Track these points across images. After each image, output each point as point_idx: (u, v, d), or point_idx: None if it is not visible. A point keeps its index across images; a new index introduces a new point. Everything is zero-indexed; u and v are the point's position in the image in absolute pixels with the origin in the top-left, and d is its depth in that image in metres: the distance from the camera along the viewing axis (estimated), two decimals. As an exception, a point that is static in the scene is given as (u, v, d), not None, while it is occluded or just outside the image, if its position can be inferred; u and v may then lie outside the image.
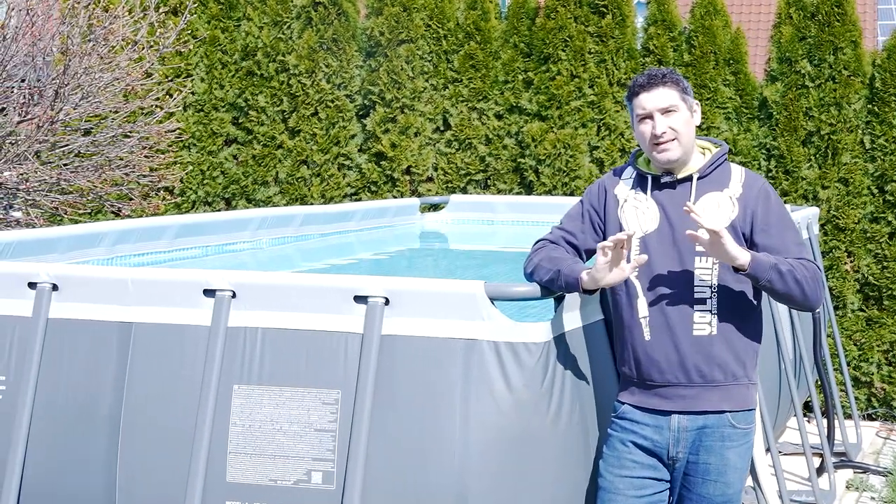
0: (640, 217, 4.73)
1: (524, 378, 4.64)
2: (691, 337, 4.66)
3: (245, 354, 4.82)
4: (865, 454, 9.14)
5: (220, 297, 4.87)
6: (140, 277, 5.00)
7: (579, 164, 10.65)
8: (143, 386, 4.92)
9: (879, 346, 10.11)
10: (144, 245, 7.24)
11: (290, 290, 4.86)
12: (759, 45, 16.88)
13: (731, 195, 4.66)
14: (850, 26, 10.23)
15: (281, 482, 4.71)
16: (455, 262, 9.18)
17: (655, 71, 4.70)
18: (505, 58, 10.95)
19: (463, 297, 4.66)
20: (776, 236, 4.65)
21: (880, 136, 10.09)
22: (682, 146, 4.66)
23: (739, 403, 4.74)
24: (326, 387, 4.73)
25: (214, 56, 11.25)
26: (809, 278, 4.55)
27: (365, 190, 11.20)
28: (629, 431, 4.78)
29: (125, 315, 4.98)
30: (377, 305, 4.72)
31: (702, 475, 4.75)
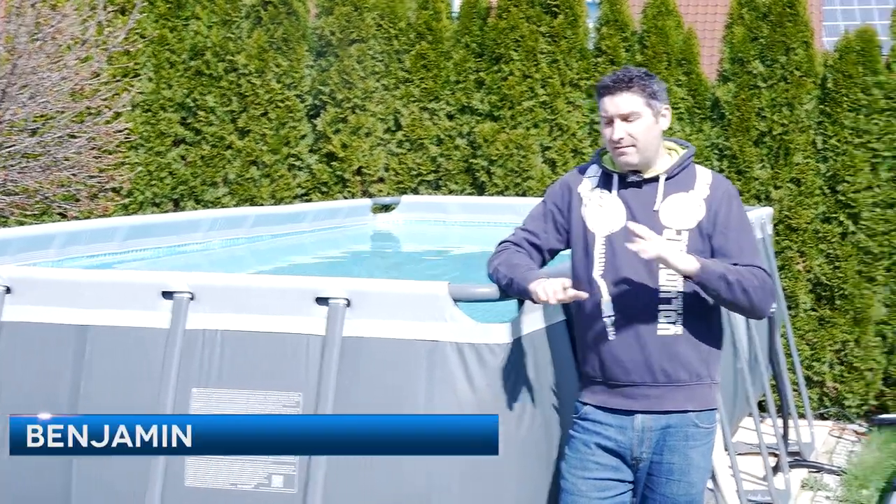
0: (604, 216, 4.69)
1: (488, 379, 4.59)
2: (656, 337, 4.62)
3: (204, 357, 4.75)
4: (819, 454, 9.16)
5: (179, 299, 4.80)
6: (97, 280, 4.93)
7: (531, 164, 10.62)
8: (101, 389, 4.83)
9: (831, 346, 10.14)
10: (95, 247, 7.13)
11: (250, 292, 4.80)
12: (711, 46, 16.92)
13: (697, 196, 4.64)
14: (802, 27, 10.25)
15: (241, 486, 4.64)
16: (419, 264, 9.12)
17: (624, 74, 4.64)
18: (457, 58, 10.91)
19: (426, 298, 4.61)
20: (734, 241, 4.61)
21: (832, 137, 10.12)
22: (639, 152, 4.62)
23: (703, 403, 4.72)
24: (287, 389, 4.67)
25: (162, 56, 11.13)
26: (758, 288, 4.51)
27: (315, 191, 11.12)
28: (592, 432, 4.74)
29: (81, 318, 4.90)
30: (339, 307, 4.67)
31: (665, 475, 4.72)
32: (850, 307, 10.10)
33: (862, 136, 10.08)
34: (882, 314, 10.15)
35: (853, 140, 10.09)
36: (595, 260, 4.66)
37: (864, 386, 10.15)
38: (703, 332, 4.68)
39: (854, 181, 10.05)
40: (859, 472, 8.41)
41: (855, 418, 10.19)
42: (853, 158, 10.05)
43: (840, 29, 10.54)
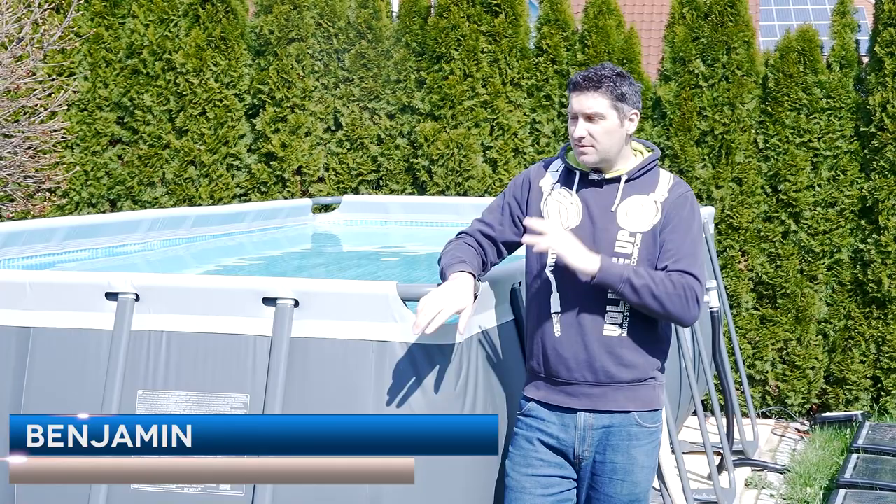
0: (562, 212, 4.66)
1: (437, 380, 4.55)
2: (601, 337, 4.60)
3: (150, 359, 4.68)
4: (762, 452, 9.18)
5: (123, 300, 4.71)
6: (39, 280, 4.83)
7: (472, 163, 10.58)
8: (44, 392, 4.74)
9: (774, 345, 10.17)
10: (33, 247, 7.01)
11: (197, 293, 4.72)
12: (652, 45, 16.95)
13: (656, 199, 4.61)
14: (744, 26, 10.27)
15: (188, 489, 4.57)
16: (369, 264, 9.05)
17: (594, 73, 4.58)
18: (397, 57, 10.84)
19: (374, 297, 4.56)
20: (672, 242, 4.58)
21: (773, 136, 10.14)
22: (598, 153, 4.59)
23: (646, 404, 4.70)
24: (234, 391, 4.61)
25: (98, 54, 10.99)
26: (673, 295, 4.47)
27: (255, 190, 11.03)
28: (535, 429, 4.72)
29: (23, 320, 4.80)
30: (286, 307, 4.60)
31: (609, 474, 4.69)
32: (792, 306, 10.13)
33: (803, 136, 10.11)
34: (823, 313, 10.19)
35: (794, 139, 10.12)
36: (548, 255, 4.64)
37: (807, 384, 10.18)
38: (649, 335, 4.66)
39: (795, 180, 10.08)
40: (803, 471, 8.42)
41: (797, 416, 10.22)
42: (794, 158, 10.09)
43: (775, 29, 10.63)
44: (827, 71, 10.17)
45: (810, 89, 10.11)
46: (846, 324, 10.13)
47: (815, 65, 10.13)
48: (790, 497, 8.07)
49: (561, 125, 10.59)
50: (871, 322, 10.00)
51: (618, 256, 4.57)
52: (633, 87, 4.63)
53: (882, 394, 10.06)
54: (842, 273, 10.13)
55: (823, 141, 10.10)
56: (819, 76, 10.12)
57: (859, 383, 10.07)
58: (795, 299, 10.12)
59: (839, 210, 10.09)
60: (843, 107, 10.09)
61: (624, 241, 4.58)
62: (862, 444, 8.56)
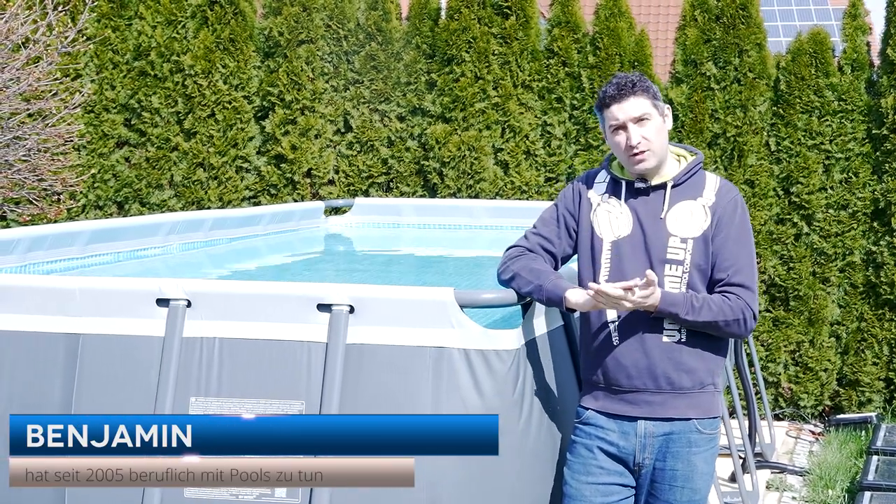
0: (612, 222, 4.66)
1: (496, 386, 4.54)
2: (661, 343, 4.60)
3: (202, 365, 4.66)
4: (779, 454, 9.18)
5: (175, 306, 4.69)
6: (88, 286, 4.80)
7: (484, 166, 10.56)
8: (93, 399, 4.72)
9: (786, 347, 10.17)
10: (57, 251, 6.99)
11: (250, 299, 4.70)
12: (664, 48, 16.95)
13: (704, 204, 4.61)
14: (755, 28, 10.27)
15: (243, 496, 4.55)
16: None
17: (624, 79, 4.61)
18: (407, 59, 10.81)
19: (432, 304, 4.55)
20: (728, 252, 4.59)
21: (785, 138, 10.15)
22: (656, 155, 4.61)
23: (706, 411, 4.70)
24: (289, 398, 4.59)
25: (105, 56, 10.93)
26: (732, 320, 4.55)
27: (264, 193, 10.99)
28: (594, 437, 4.71)
29: (72, 326, 4.77)
30: (341, 314, 4.59)
31: (669, 482, 4.69)
32: (805, 308, 10.13)
33: (815, 138, 10.11)
34: (836, 315, 10.20)
35: (806, 142, 10.13)
36: (601, 265, 4.64)
37: (819, 386, 10.19)
38: (707, 341, 4.66)
39: (808, 183, 10.09)
40: (823, 473, 8.42)
41: (810, 418, 10.22)
42: (806, 160, 10.09)
43: (779, 31, 10.57)
44: (838, 73, 10.17)
45: (822, 92, 10.11)
46: (859, 326, 10.13)
47: (827, 67, 10.13)
48: (812, 499, 8.08)
49: (572, 127, 10.58)
50: (883, 324, 10.01)
51: (670, 263, 4.57)
52: (654, 85, 4.71)
53: (895, 396, 10.07)
54: (854, 275, 10.13)
55: (835, 143, 10.11)
56: (831, 79, 10.12)
57: (872, 385, 10.08)
58: (808, 301, 10.12)
59: (851, 212, 10.10)
60: (855, 109, 10.09)
61: (676, 248, 4.58)
62: (881, 446, 8.56)
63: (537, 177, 10.56)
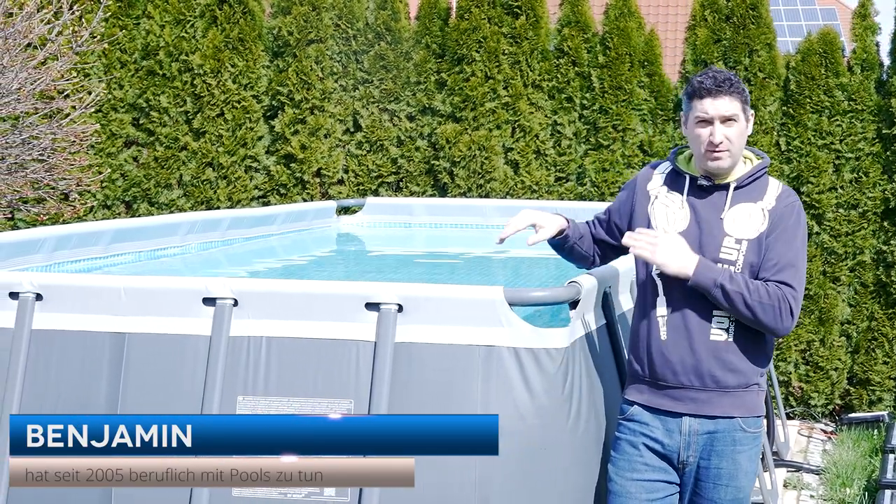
0: (669, 216, 4.68)
1: (545, 384, 4.55)
2: (708, 341, 4.61)
3: (249, 364, 4.65)
4: (793, 453, 9.20)
5: (221, 305, 4.69)
6: (134, 286, 4.80)
7: (494, 165, 10.57)
8: (139, 398, 4.72)
9: (797, 346, 10.19)
10: (82, 251, 7.00)
11: (297, 298, 4.70)
12: (673, 47, 16.97)
13: (763, 207, 4.61)
14: (765, 29, 10.30)
15: (291, 495, 4.56)
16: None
17: (722, 76, 4.59)
18: (417, 58, 10.82)
19: (481, 303, 4.55)
20: (774, 251, 4.58)
21: (795, 138, 10.18)
22: (732, 157, 4.62)
23: (750, 410, 4.70)
24: (337, 396, 4.58)
25: (113, 55, 10.92)
26: (767, 305, 4.50)
27: (274, 192, 10.99)
28: (638, 433, 4.72)
29: (118, 325, 4.77)
30: (390, 312, 4.59)
31: (713, 480, 4.70)
32: (815, 307, 10.16)
33: (825, 138, 10.15)
34: (847, 314, 10.23)
35: (816, 141, 10.16)
36: None
37: (830, 385, 10.22)
38: (755, 340, 4.66)
39: (818, 182, 10.12)
40: (840, 472, 8.45)
41: (820, 417, 10.25)
42: (816, 160, 10.12)
43: (784, 30, 10.60)
44: (848, 73, 10.20)
45: (832, 92, 10.14)
46: (869, 325, 10.16)
47: (837, 67, 10.16)
48: (830, 498, 8.11)
49: (582, 127, 10.59)
50: (894, 323, 10.04)
51: (722, 262, 4.58)
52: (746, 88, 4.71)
53: (906, 394, 10.13)
54: (864, 274, 10.17)
55: (845, 143, 10.14)
56: (840, 79, 10.16)
57: (883, 384, 10.11)
58: (818, 301, 10.15)
59: (861, 212, 10.13)
60: (865, 109, 10.13)
61: (729, 248, 4.59)
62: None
63: (547, 176, 10.57)
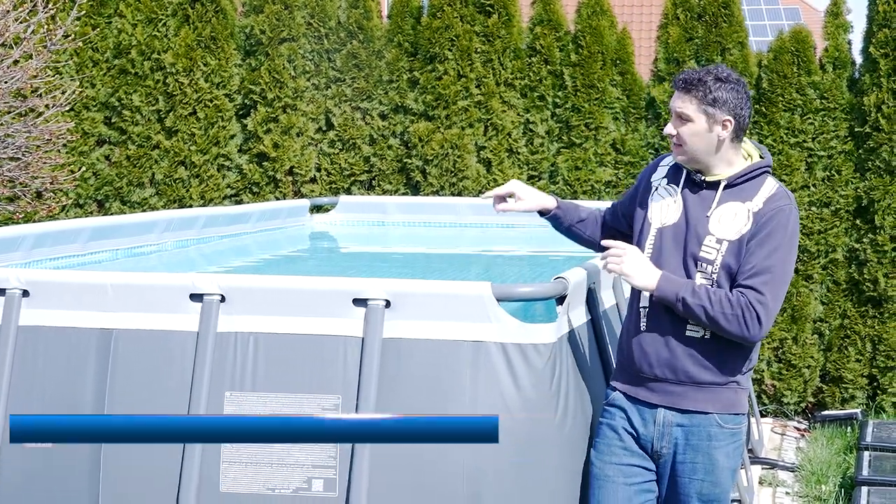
0: (663, 209, 4.71)
1: (533, 379, 4.57)
2: (684, 336, 4.64)
3: (237, 360, 4.66)
4: (767, 450, 9.24)
5: (209, 301, 4.68)
6: (121, 282, 4.79)
7: (467, 164, 10.58)
8: (127, 394, 4.71)
9: (769, 344, 10.23)
10: (60, 249, 6.97)
11: (284, 294, 4.70)
12: (646, 46, 17.02)
13: (749, 209, 4.59)
14: (737, 27, 10.36)
15: (279, 490, 4.57)
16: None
17: (691, 75, 4.60)
18: (389, 57, 10.82)
19: (469, 298, 4.57)
20: (751, 255, 4.55)
21: (768, 136, 10.22)
22: (686, 153, 4.64)
23: (726, 406, 4.71)
24: (325, 392, 4.59)
25: (85, 54, 10.88)
26: (730, 315, 4.49)
27: (246, 191, 10.97)
28: (618, 418, 4.78)
29: (105, 321, 4.76)
30: (378, 308, 4.60)
31: (689, 474, 4.73)
32: (788, 305, 10.20)
33: (797, 136, 10.20)
34: (819, 312, 10.28)
35: (789, 139, 10.21)
36: (644, 249, 4.70)
37: (802, 383, 10.26)
38: (733, 340, 4.65)
39: (790, 180, 10.16)
40: (815, 469, 8.50)
41: (793, 415, 10.30)
42: (789, 158, 10.17)
43: (748, 29, 10.61)
44: (820, 72, 10.26)
45: (804, 90, 10.19)
46: (842, 323, 10.21)
47: (809, 66, 10.21)
48: (806, 494, 8.15)
49: (554, 125, 10.61)
50: (866, 321, 10.09)
51: (701, 261, 4.58)
52: (734, 92, 4.59)
53: (878, 392, 10.16)
54: (837, 272, 10.22)
55: (818, 141, 10.19)
56: (813, 77, 10.21)
57: (855, 382, 10.17)
58: (791, 299, 10.19)
59: (834, 210, 10.18)
60: (837, 107, 10.18)
61: (709, 247, 4.59)
62: (871, 441, 8.64)
63: (520, 174, 10.58)
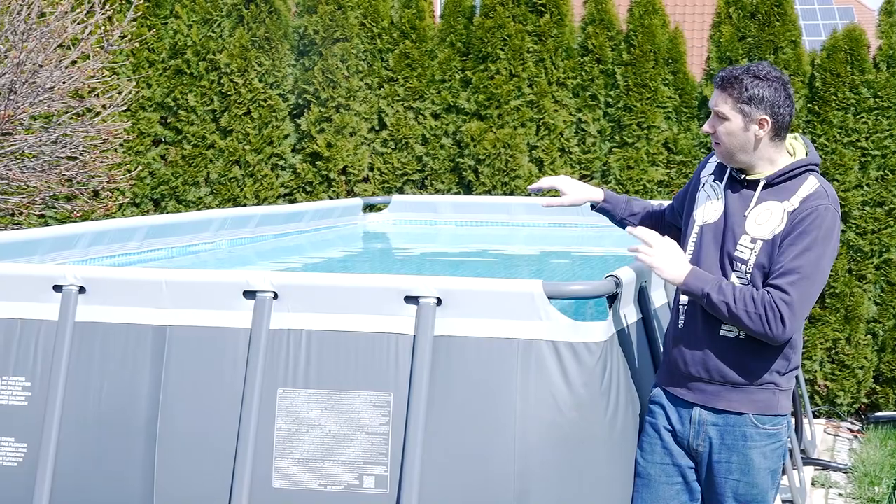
0: (707, 206, 4.72)
1: (584, 378, 4.57)
2: (718, 336, 4.61)
3: (289, 357, 4.69)
4: (820, 451, 9.22)
5: (262, 298, 4.73)
6: (175, 279, 4.84)
7: (519, 163, 10.61)
8: (181, 391, 4.76)
9: (822, 344, 10.20)
10: (117, 246, 7.06)
11: (337, 291, 4.74)
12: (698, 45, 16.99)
13: (785, 208, 4.54)
14: (790, 26, 10.33)
15: (331, 487, 4.60)
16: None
17: (729, 72, 4.57)
18: (441, 57, 10.86)
19: (520, 296, 4.58)
20: (789, 253, 4.48)
21: (821, 135, 10.20)
22: (723, 151, 4.63)
23: (762, 408, 4.64)
24: (377, 389, 4.62)
25: (141, 55, 10.99)
26: (753, 314, 4.44)
27: (300, 190, 11.04)
28: (659, 416, 4.79)
29: (160, 318, 4.82)
30: (429, 306, 4.63)
31: (724, 474, 4.69)
32: (841, 305, 10.18)
33: (851, 135, 10.17)
34: (873, 312, 10.24)
35: (842, 139, 10.18)
36: (687, 247, 4.71)
37: (856, 384, 10.23)
38: None
39: (844, 180, 10.13)
40: (868, 470, 8.46)
41: (846, 416, 10.27)
42: (842, 157, 10.14)
43: (801, 28, 10.57)
44: (874, 70, 10.22)
45: (857, 89, 10.16)
46: (895, 323, 10.18)
47: (863, 64, 10.18)
48: (859, 496, 8.12)
49: (607, 125, 10.63)
50: (921, 322, 10.07)
51: (736, 260, 4.57)
52: (772, 90, 4.53)
53: (932, 393, 10.14)
54: (890, 273, 10.18)
55: (871, 140, 10.16)
56: (866, 75, 10.17)
57: (909, 383, 10.14)
58: (844, 299, 10.16)
59: (888, 209, 10.15)
60: (891, 106, 10.15)
61: (744, 246, 4.56)
62: (924, 442, 8.62)
63: (572, 174, 10.60)
